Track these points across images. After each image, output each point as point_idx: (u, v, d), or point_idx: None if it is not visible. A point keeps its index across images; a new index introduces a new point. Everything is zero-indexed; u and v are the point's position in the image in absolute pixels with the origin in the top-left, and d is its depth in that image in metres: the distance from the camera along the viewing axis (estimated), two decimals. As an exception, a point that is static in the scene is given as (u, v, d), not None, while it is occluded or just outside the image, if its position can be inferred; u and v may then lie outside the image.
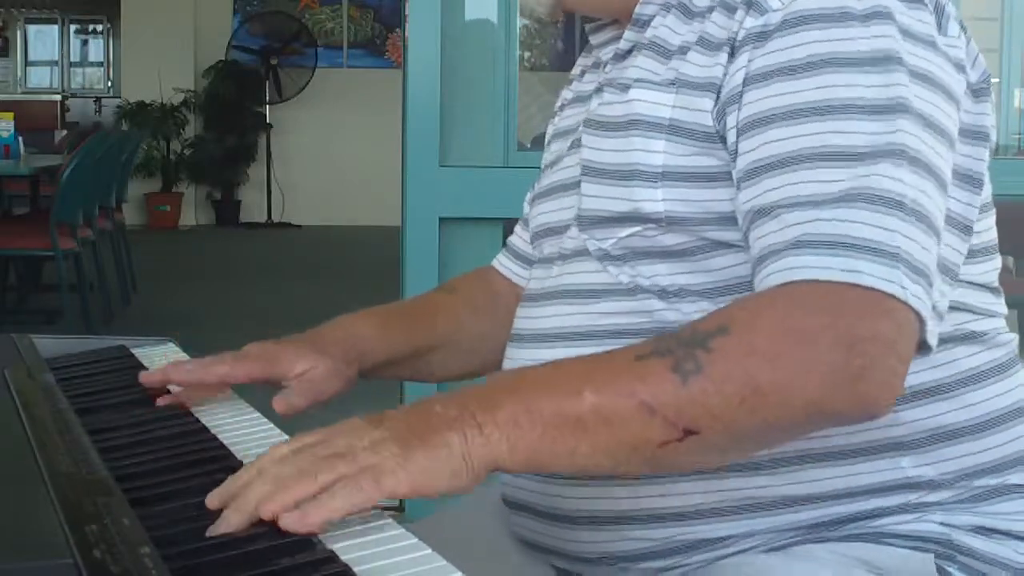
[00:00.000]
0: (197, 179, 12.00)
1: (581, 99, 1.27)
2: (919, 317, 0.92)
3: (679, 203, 1.09)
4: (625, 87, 1.14)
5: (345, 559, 0.78)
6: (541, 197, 1.28)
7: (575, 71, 1.34)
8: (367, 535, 0.83)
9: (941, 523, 1.10)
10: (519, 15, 3.09)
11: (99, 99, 13.53)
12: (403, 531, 0.84)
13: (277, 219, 12.03)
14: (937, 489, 1.10)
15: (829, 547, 1.09)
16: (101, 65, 15.16)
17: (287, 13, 12.08)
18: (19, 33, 14.97)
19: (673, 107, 1.09)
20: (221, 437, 1.06)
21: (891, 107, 0.98)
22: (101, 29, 15.02)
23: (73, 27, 15.07)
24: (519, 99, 3.08)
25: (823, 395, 0.89)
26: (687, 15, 1.13)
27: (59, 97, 12.00)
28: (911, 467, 1.09)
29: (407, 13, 2.99)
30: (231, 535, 0.82)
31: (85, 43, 15.22)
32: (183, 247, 10.62)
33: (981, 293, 1.14)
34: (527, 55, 6.89)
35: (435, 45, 2.95)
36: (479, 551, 1.23)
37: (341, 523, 0.83)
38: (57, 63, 15.06)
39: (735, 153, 1.04)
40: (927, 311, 0.93)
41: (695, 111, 1.08)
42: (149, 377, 1.20)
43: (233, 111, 11.86)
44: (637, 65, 1.15)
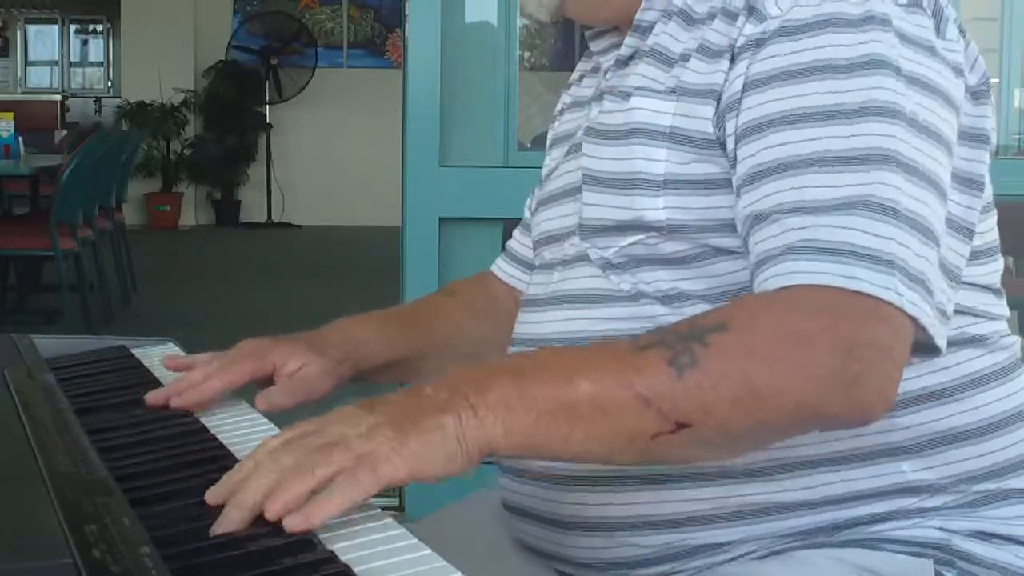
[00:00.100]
0: (197, 179, 12.00)
1: (580, 104, 1.27)
2: (916, 323, 0.92)
3: (680, 211, 1.09)
4: (626, 95, 1.14)
5: (345, 559, 0.78)
6: (543, 205, 1.28)
7: (574, 76, 1.33)
8: (367, 535, 0.83)
9: (940, 528, 1.10)
10: (519, 15, 3.09)
11: (99, 99, 13.52)
12: (403, 531, 0.84)
13: (277, 219, 12.02)
14: (937, 494, 1.10)
15: (827, 553, 1.08)
16: (101, 65, 15.15)
17: (287, 13, 12.08)
18: (19, 33, 14.96)
19: (674, 115, 1.09)
20: (221, 437, 1.06)
21: (888, 113, 0.99)
22: (101, 29, 15.01)
23: (73, 27, 15.06)
24: (519, 99, 3.09)
25: (819, 399, 0.89)
26: (688, 22, 1.13)
27: (59, 97, 11.97)
28: (911, 471, 1.09)
29: (407, 13, 3.00)
30: (231, 535, 0.82)
31: (85, 43, 15.21)
32: (183, 247, 10.62)
33: (983, 295, 1.14)
34: (527, 55, 6.88)
35: (435, 45, 2.95)
36: (479, 552, 1.23)
37: (340, 517, 0.83)
38: (57, 63, 15.04)
39: (735, 159, 1.04)
40: (926, 317, 0.93)
41: (696, 118, 1.08)
42: (153, 399, 1.17)
43: (233, 111, 11.86)
44: (639, 73, 1.15)
